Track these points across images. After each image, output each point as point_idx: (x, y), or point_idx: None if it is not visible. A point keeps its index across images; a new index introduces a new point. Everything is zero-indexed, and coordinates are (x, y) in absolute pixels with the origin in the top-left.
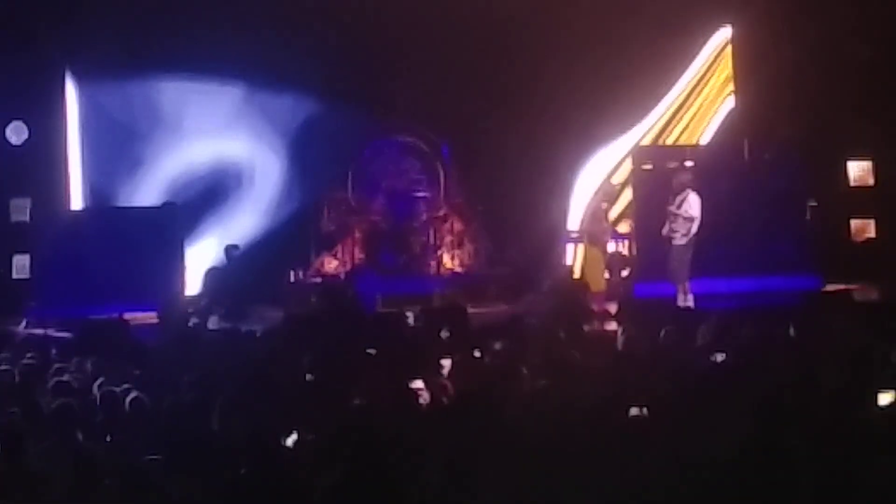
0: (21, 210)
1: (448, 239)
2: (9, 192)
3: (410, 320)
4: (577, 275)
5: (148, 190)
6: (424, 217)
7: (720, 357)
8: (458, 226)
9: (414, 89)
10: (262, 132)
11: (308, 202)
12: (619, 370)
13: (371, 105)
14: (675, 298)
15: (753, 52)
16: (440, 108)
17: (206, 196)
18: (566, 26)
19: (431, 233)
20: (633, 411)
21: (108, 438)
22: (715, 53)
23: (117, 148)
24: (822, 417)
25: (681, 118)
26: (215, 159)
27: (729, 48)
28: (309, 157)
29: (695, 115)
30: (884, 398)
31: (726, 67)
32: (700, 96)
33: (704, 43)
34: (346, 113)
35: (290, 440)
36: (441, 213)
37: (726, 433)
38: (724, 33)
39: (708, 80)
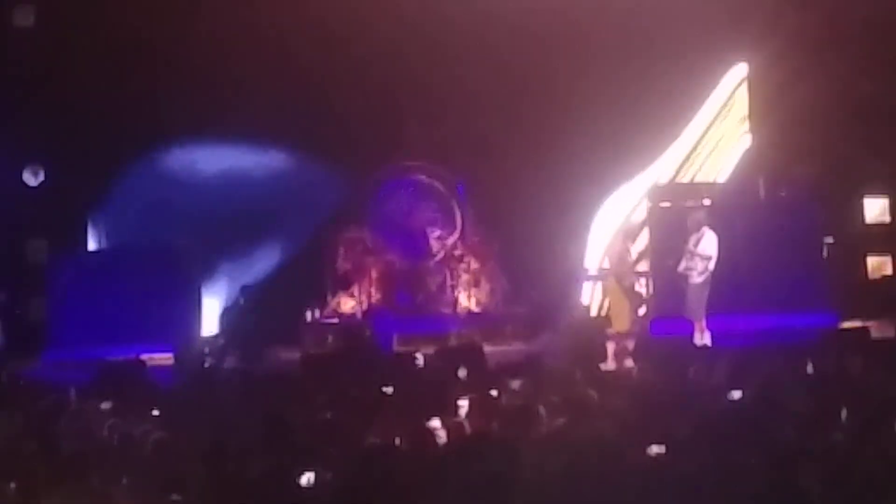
0: (38, 251)
1: (464, 278)
2: (26, 234)
3: (426, 360)
4: (602, 314)
5: (164, 231)
6: (441, 256)
7: (737, 395)
8: (474, 265)
9: (430, 128)
10: (279, 172)
11: (324, 242)
12: (636, 409)
13: (387, 144)
14: (692, 336)
15: (769, 89)
16: (457, 148)
17: (223, 237)
18: (582, 64)
19: (448, 272)
20: (652, 450)
21: (125, 481)
22: (731, 91)
23: (133, 191)
24: (841, 456)
25: (698, 155)
26: (232, 199)
27: (745, 85)
28: (325, 196)
29: (711, 152)
30: None
31: (743, 105)
32: (716, 134)
33: (720, 81)
34: (362, 152)
35: (306, 479)
36: (457, 252)
37: (744, 472)
38: (741, 71)
39: (724, 118)
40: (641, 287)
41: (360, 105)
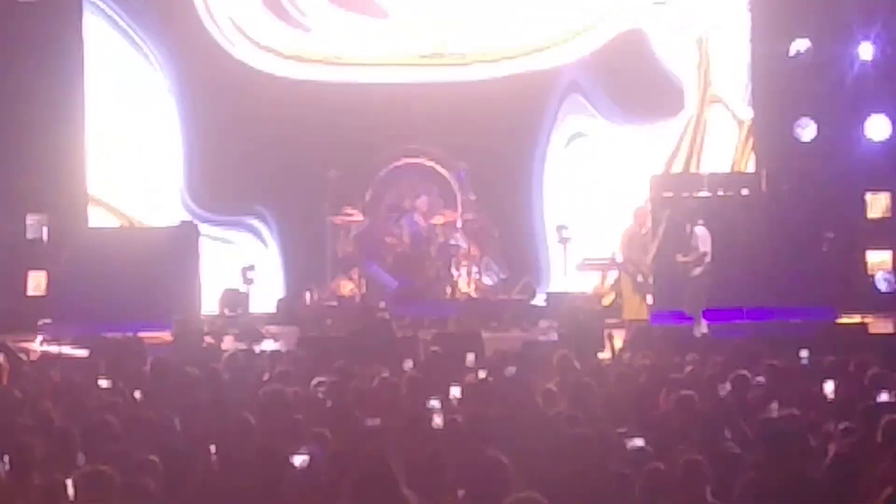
0: (37, 227)
1: (464, 264)
2: (25, 209)
3: (426, 343)
4: (606, 302)
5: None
6: (441, 241)
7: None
8: (474, 251)
9: (433, 111)
10: (280, 156)
11: (324, 225)
12: (632, 398)
13: (390, 128)
14: (690, 327)
15: (772, 85)
16: (459, 133)
17: (226, 214)
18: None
19: (447, 257)
20: (645, 440)
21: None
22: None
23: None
24: (835, 449)
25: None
26: (235, 176)
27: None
28: (327, 179)
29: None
30: None
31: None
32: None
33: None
34: (364, 136)
35: (300, 459)
36: (458, 237)
37: (738, 464)
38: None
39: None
40: (649, 277)
41: (364, 88)
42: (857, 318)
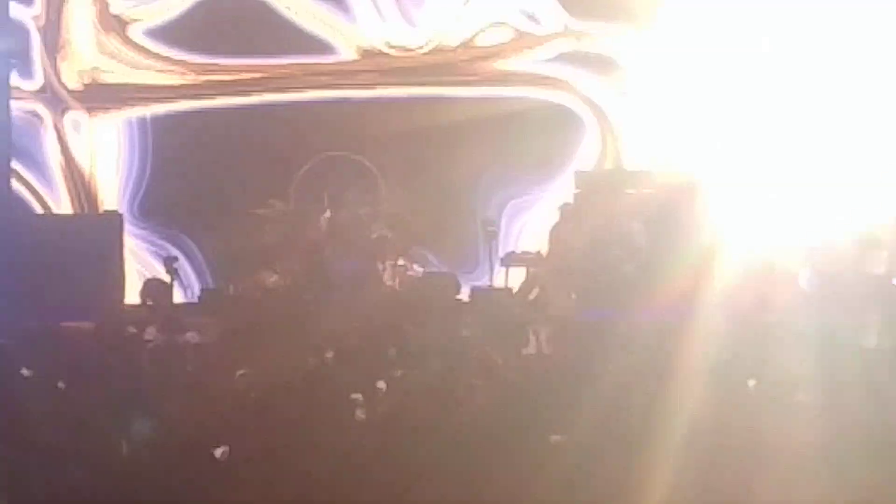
0: None
1: (389, 256)
2: None
3: (349, 337)
4: (531, 297)
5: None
6: (366, 234)
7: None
8: (399, 243)
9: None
10: (208, 143)
11: (249, 215)
12: (557, 394)
13: (316, 119)
14: (618, 324)
15: None
16: (387, 136)
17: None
18: None
19: (372, 249)
20: (570, 435)
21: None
22: None
23: None
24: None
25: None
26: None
27: None
28: (251, 169)
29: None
30: None
31: None
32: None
33: None
34: (290, 126)
35: (220, 451)
36: (383, 230)
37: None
38: None
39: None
40: (573, 273)
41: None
42: None
